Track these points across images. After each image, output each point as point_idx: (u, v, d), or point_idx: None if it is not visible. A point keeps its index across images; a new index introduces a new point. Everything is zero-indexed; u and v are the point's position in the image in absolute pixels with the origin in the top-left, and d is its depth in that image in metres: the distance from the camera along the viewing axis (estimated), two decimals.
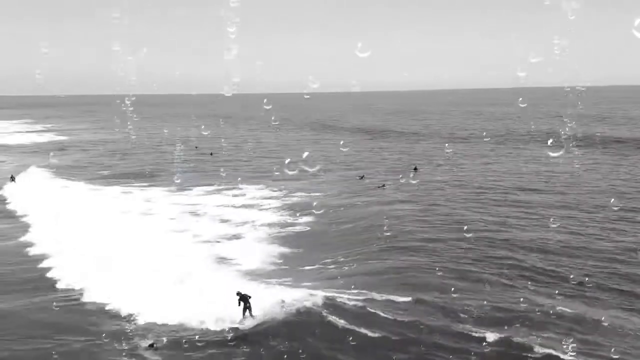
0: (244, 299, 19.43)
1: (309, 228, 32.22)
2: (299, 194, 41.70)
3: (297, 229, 32.07)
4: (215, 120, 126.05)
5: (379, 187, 43.59)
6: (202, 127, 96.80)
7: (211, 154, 67.79)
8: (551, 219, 29.29)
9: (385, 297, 20.53)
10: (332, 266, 25.08)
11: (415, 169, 52.75)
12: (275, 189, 43.50)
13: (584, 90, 23.31)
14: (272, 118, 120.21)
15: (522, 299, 19.80)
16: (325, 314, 19.07)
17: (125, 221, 34.01)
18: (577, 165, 47.32)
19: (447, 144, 65.07)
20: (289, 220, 33.96)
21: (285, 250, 27.97)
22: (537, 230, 28.98)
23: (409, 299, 20.36)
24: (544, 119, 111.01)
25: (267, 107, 26.97)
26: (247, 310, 19.38)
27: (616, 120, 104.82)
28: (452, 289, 20.93)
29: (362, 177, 48.74)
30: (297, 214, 35.09)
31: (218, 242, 29.78)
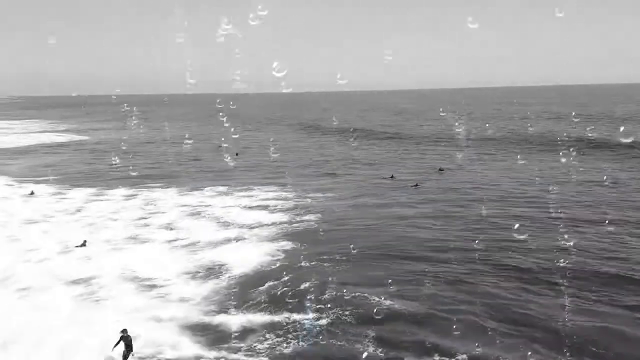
0: (125, 340, 16.71)
1: (310, 233, 30.14)
2: (314, 195, 40.10)
3: (297, 234, 30.06)
4: (244, 120, 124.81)
5: (412, 186, 42.55)
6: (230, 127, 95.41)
7: (237, 154, 66.99)
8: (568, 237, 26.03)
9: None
10: (322, 283, 22.43)
11: (441, 169, 50.49)
12: (293, 191, 41.83)
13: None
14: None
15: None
16: None
17: (113, 228, 32.29)
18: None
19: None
20: (292, 223, 32.17)
21: (275, 260, 25.88)
22: (551, 251, 25.14)
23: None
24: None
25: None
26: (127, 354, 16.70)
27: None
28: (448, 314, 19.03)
29: (392, 177, 47.32)
30: (304, 216, 33.48)
31: (203, 248, 27.96)
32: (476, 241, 26.18)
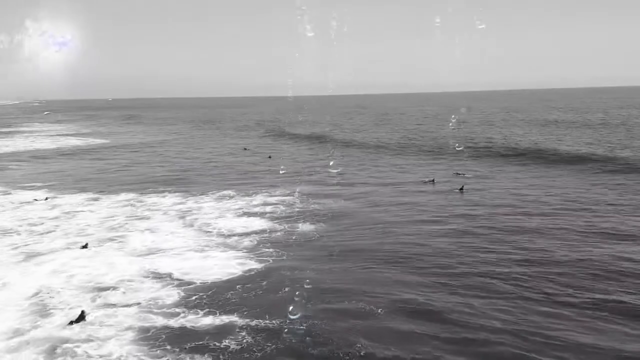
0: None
1: (303, 241, 29.23)
2: (324, 201, 38.93)
3: (286, 241, 29.18)
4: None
5: (458, 190, 41.72)
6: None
7: (269, 157, 67.37)
8: None
9: None
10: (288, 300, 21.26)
11: (458, 173, 49.08)
12: (301, 196, 40.65)
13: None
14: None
15: None
16: None
17: (91, 234, 31.68)
18: None
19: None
20: (284, 231, 31.20)
21: (252, 267, 25.15)
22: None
23: None
24: None
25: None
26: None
27: None
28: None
29: (432, 181, 45.86)
30: (304, 223, 32.74)
31: (179, 254, 27.24)
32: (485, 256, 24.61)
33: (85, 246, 28.29)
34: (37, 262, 26.45)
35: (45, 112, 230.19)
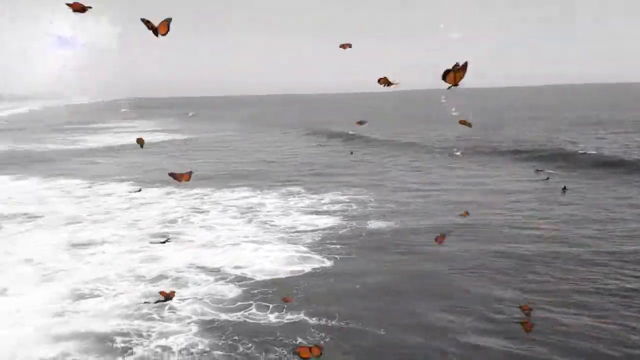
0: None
1: (369, 242, 27.98)
2: (405, 200, 37.60)
3: (351, 242, 28.05)
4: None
5: (562, 189, 40.40)
6: None
7: (351, 152, 64.68)
8: None
9: None
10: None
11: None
12: (377, 194, 39.76)
13: None
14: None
15: None
16: None
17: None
18: None
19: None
20: (352, 229, 30.40)
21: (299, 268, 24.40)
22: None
23: None
24: None
25: None
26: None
27: None
28: None
29: (547, 179, 45.32)
30: (372, 221, 31.77)
31: (235, 248, 27.54)
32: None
33: (165, 241, 28.89)
34: (93, 251, 27.87)
35: (123, 110, 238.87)
